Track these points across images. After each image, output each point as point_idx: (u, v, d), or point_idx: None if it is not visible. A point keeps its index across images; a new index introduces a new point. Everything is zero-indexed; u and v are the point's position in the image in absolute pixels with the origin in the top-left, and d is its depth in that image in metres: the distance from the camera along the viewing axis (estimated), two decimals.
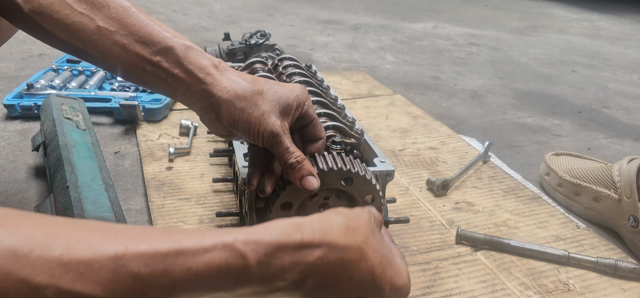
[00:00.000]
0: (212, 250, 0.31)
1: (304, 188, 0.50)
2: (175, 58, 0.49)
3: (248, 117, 0.49)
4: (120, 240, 0.29)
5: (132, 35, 0.48)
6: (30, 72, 1.25)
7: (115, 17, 0.48)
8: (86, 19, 0.47)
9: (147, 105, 0.99)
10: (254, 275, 0.32)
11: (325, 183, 0.53)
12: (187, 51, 0.49)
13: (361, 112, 1.16)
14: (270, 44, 1.21)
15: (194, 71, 0.49)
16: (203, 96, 0.50)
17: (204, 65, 0.50)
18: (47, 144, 0.76)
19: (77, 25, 0.47)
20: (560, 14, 3.00)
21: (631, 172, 0.72)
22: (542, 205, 0.81)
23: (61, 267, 0.27)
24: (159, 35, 0.49)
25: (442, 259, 0.66)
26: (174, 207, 0.73)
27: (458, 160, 0.94)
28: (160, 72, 0.49)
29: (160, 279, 0.29)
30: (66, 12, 0.47)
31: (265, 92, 0.51)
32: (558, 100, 1.40)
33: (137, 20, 0.49)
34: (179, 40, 0.50)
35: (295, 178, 0.50)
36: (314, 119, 0.55)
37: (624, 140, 1.15)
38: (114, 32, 0.48)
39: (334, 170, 0.53)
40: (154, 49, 0.49)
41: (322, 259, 0.35)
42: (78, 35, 0.47)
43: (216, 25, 1.98)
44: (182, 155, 0.88)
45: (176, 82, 0.49)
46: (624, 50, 2.15)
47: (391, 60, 1.69)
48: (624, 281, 0.64)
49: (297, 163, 0.50)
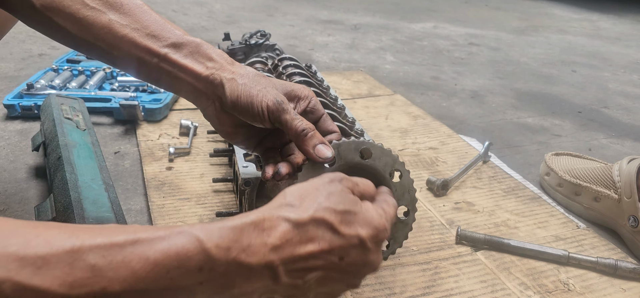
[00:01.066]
0: (167, 238, 0.31)
1: (318, 157, 0.48)
2: (186, 51, 0.50)
3: (250, 90, 0.49)
4: (77, 234, 0.29)
5: (143, 29, 0.49)
6: (30, 72, 1.25)
7: (127, 12, 0.49)
8: (98, 13, 0.48)
9: (147, 105, 0.99)
10: (217, 260, 0.33)
11: (341, 157, 0.50)
12: (198, 46, 0.51)
13: (361, 112, 1.16)
14: (270, 44, 1.21)
15: (203, 61, 0.50)
16: (208, 83, 0.50)
17: (213, 56, 0.51)
18: (47, 144, 0.76)
19: (88, 19, 0.48)
20: (560, 14, 3.00)
21: (631, 172, 0.72)
22: (542, 205, 0.81)
23: (18, 261, 0.27)
24: (170, 32, 0.50)
25: (442, 259, 0.66)
26: (174, 207, 0.73)
27: (458, 160, 0.94)
28: (166, 64, 0.50)
29: (119, 271, 0.29)
30: (78, 6, 0.48)
31: (270, 79, 0.52)
32: (558, 100, 1.40)
33: (149, 17, 0.50)
34: (190, 38, 0.51)
35: (309, 147, 0.48)
36: (323, 113, 0.55)
37: (623, 140, 1.15)
38: (124, 25, 0.49)
39: (348, 141, 0.50)
40: (163, 43, 0.50)
41: (284, 237, 0.35)
42: (89, 29, 0.48)
43: (216, 25, 1.98)
44: (182, 155, 0.88)
45: (184, 73, 0.50)
46: (624, 50, 2.15)
47: (391, 60, 1.69)
48: (624, 281, 0.64)
49: (309, 130, 0.49)
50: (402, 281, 0.61)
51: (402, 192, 0.52)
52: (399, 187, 0.51)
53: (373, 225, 0.40)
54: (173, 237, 0.32)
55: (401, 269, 0.63)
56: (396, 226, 0.53)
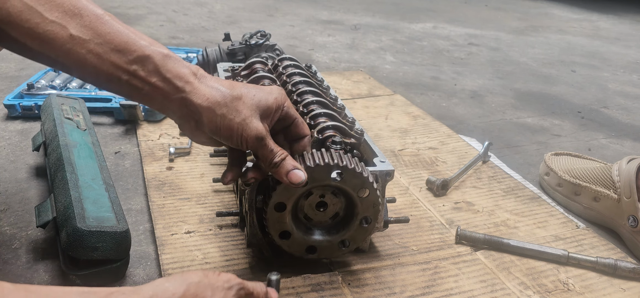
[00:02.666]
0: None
1: (292, 183, 0.51)
2: (152, 67, 0.47)
3: (229, 123, 0.49)
4: None
5: (107, 43, 0.46)
6: (31, 72, 1.25)
7: (88, 25, 0.46)
8: (58, 27, 0.45)
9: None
10: None
11: (314, 180, 0.53)
12: (164, 60, 0.48)
13: (361, 112, 1.16)
14: (270, 44, 1.21)
15: (171, 79, 0.48)
16: (182, 105, 0.49)
17: (182, 73, 0.48)
18: (48, 144, 0.76)
19: (49, 34, 0.45)
20: (559, 14, 3.00)
21: (631, 171, 0.72)
22: (541, 205, 0.81)
23: None
24: (134, 44, 0.47)
25: (441, 259, 0.66)
26: (174, 206, 0.73)
27: (458, 160, 0.94)
28: (137, 81, 0.48)
29: None
30: (37, 20, 0.45)
31: (244, 97, 0.50)
32: (557, 100, 1.41)
33: (111, 29, 0.47)
34: (156, 49, 0.48)
35: (281, 175, 0.51)
36: (295, 118, 0.55)
37: (623, 140, 1.15)
38: (87, 40, 0.46)
39: (321, 165, 0.53)
40: (129, 57, 0.47)
41: None
42: (50, 45, 0.45)
43: (216, 26, 1.99)
44: (182, 155, 0.88)
45: (153, 91, 0.48)
46: (623, 50, 2.16)
47: (391, 61, 1.69)
48: (624, 281, 0.64)
49: (281, 160, 0.51)
50: (402, 281, 0.61)
51: (367, 205, 0.57)
52: (365, 201, 0.57)
53: None
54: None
55: (401, 269, 0.63)
56: (357, 230, 0.58)
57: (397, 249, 0.67)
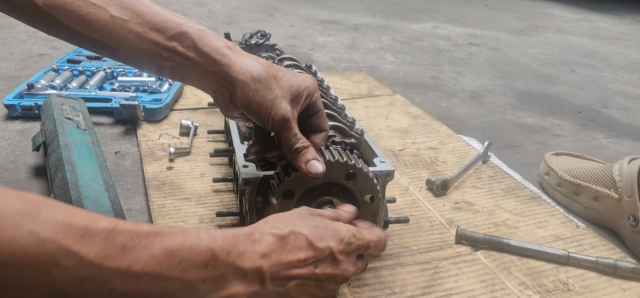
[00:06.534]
0: (183, 234, 0.37)
1: (309, 173, 0.51)
2: (190, 42, 0.50)
3: (261, 99, 0.50)
4: (109, 218, 0.34)
5: (146, 23, 0.49)
6: (31, 72, 1.25)
7: (127, 6, 0.49)
8: (99, 9, 0.48)
9: (147, 105, 1.00)
10: (220, 260, 0.39)
11: (329, 174, 0.53)
12: (201, 34, 0.50)
13: (361, 112, 1.16)
14: (270, 44, 1.21)
15: (209, 53, 0.50)
16: (219, 77, 0.51)
17: (218, 46, 0.51)
18: (48, 144, 0.76)
19: (91, 16, 0.48)
20: (559, 14, 3.00)
21: (633, 171, 0.72)
22: (541, 205, 0.81)
23: (64, 227, 0.31)
24: (172, 21, 0.50)
25: (441, 259, 0.66)
26: (174, 206, 0.73)
27: (458, 160, 0.94)
28: (177, 57, 0.50)
29: (142, 253, 0.34)
30: (79, 3, 0.48)
31: (279, 78, 0.52)
32: (558, 100, 1.41)
33: (149, 9, 0.50)
34: (192, 25, 0.51)
35: (301, 162, 0.51)
36: (320, 109, 0.56)
37: (623, 140, 1.15)
38: (127, 20, 0.49)
39: (340, 162, 0.53)
40: (168, 34, 0.49)
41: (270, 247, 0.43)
42: (93, 26, 0.48)
43: (216, 26, 1.99)
44: (182, 155, 0.88)
45: (192, 65, 0.50)
46: (623, 50, 2.16)
47: (391, 60, 1.69)
48: (624, 281, 0.64)
49: (303, 148, 0.51)
50: (402, 281, 0.61)
51: (368, 212, 0.58)
52: (367, 207, 0.57)
53: (341, 238, 0.46)
54: (187, 234, 0.37)
55: (401, 269, 0.63)
56: None
57: (397, 249, 0.67)
